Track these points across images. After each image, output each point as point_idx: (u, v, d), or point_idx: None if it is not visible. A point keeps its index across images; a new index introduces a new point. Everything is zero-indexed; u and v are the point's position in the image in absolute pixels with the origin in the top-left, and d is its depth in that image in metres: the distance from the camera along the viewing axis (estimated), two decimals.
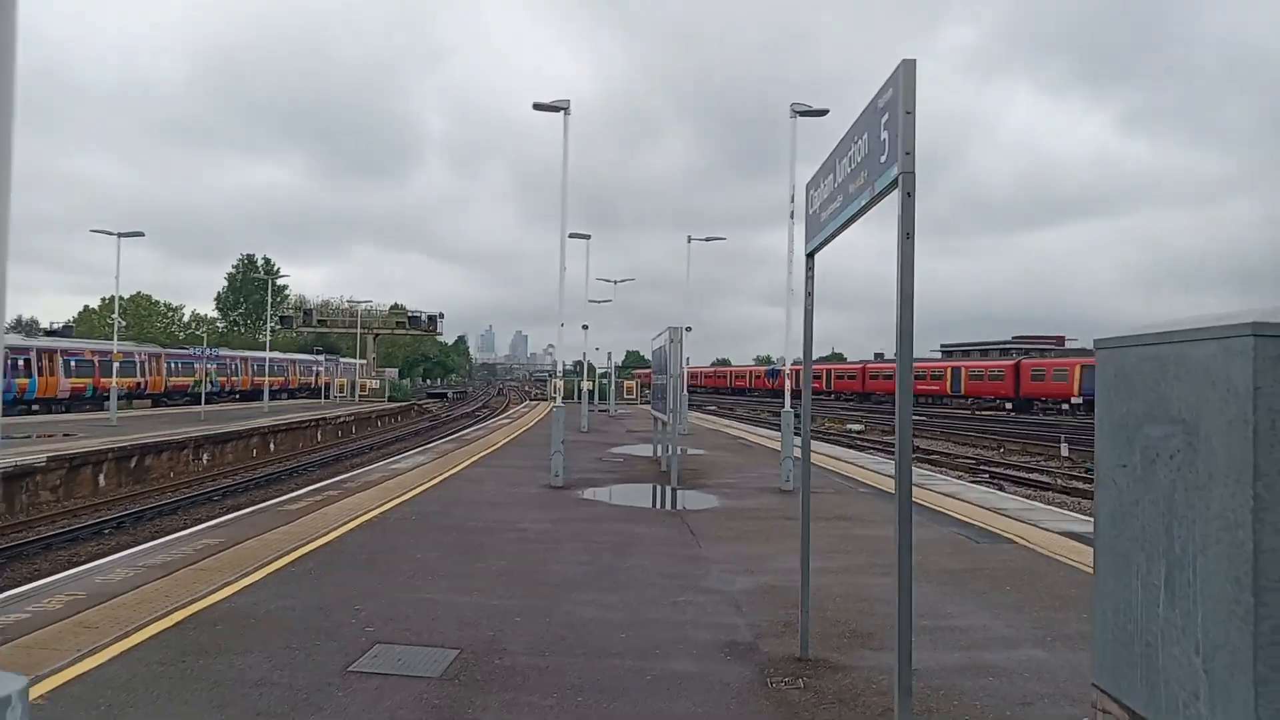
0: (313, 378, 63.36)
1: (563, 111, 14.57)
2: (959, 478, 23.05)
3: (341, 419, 40.95)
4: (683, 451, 17.41)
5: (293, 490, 17.71)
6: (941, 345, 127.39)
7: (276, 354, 55.58)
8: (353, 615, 6.46)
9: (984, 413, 63.85)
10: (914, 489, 13.23)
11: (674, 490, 14.20)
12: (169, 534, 11.53)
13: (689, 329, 22.47)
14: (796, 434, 14.32)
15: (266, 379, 46.79)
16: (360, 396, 56.28)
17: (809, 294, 6.04)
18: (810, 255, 6.04)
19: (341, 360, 66.94)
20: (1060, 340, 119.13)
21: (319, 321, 70.05)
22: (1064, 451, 27.07)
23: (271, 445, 31.87)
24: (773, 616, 6.93)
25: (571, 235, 28.74)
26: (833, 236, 5.41)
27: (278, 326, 74.12)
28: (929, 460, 29.14)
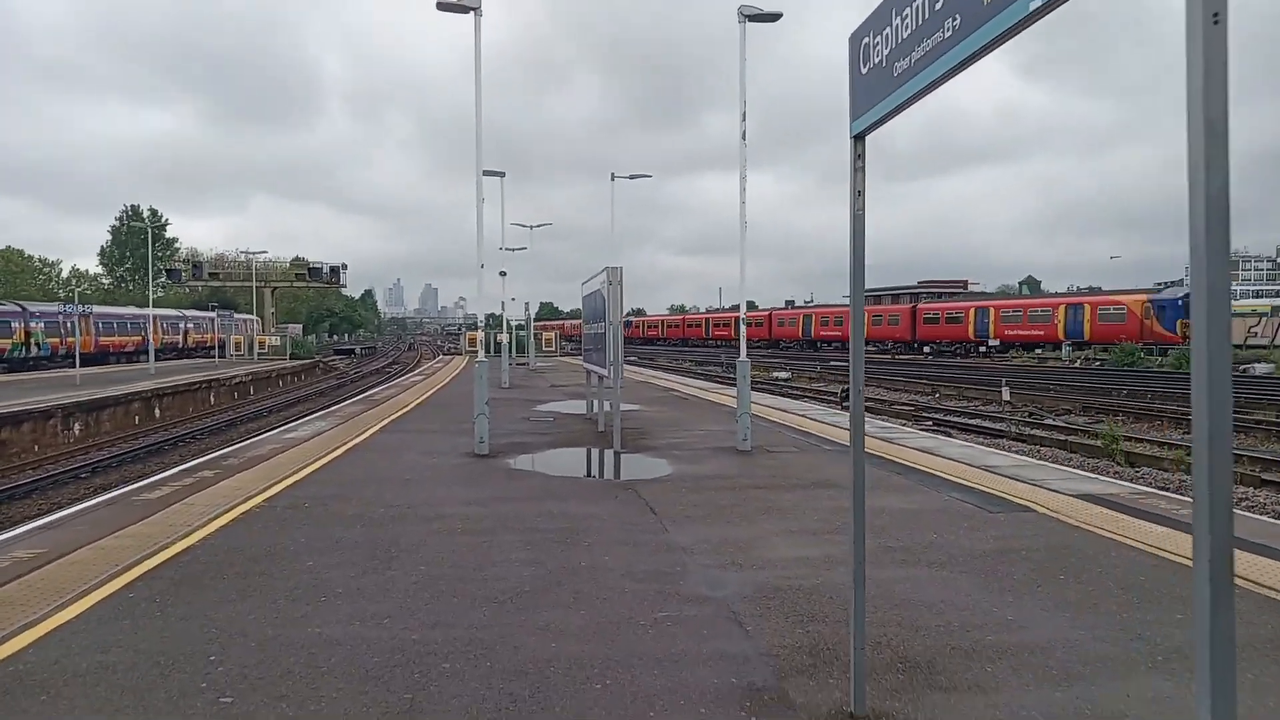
0: (179, 336, 57.22)
1: (473, 12, 12.32)
2: (904, 425, 21.90)
3: (238, 379, 37.83)
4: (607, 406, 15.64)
5: (177, 463, 15.31)
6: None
7: (133, 310, 49.74)
8: (204, 675, 4.46)
9: (903, 356, 63.95)
10: (883, 444, 11.61)
11: (617, 455, 12.39)
12: (18, 524, 9.27)
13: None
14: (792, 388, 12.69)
15: (155, 339, 42.90)
16: (259, 355, 52.64)
17: (859, 193, 4.20)
18: (859, 137, 4.19)
19: (237, 316, 62.41)
20: (964, 284, 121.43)
21: (210, 275, 65.47)
22: (1005, 395, 26.24)
23: (157, 411, 28.86)
24: (790, 638, 5.19)
25: (486, 173, 26.38)
26: (916, 98, 3.57)
27: (166, 281, 69.23)
28: (865, 407, 28.02)
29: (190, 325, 58.35)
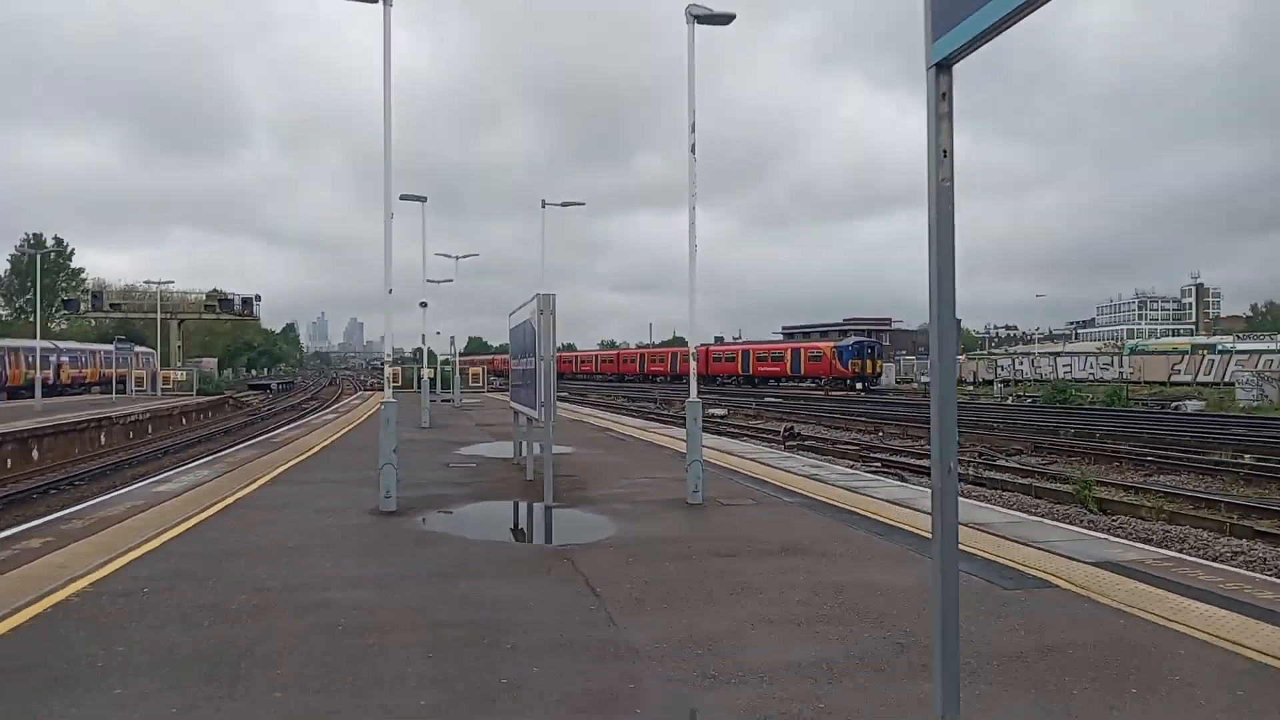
0: (50, 371, 49.06)
1: (381, 1, 10.63)
2: (852, 467, 20.64)
3: (134, 418, 34.84)
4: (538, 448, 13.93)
5: (35, 517, 12.99)
6: (783, 328, 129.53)
7: None
8: None
9: (836, 394, 63.43)
10: (849, 495, 10.09)
11: (549, 511, 10.65)
12: None
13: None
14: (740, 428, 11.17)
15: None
16: (163, 390, 49.23)
17: (944, 153, 2.65)
18: (944, 66, 2.66)
19: (138, 350, 58.23)
20: (888, 321, 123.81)
21: (111, 306, 61.53)
22: None
23: (35, 453, 26.01)
24: None
25: (406, 197, 24.55)
26: None
27: (65, 313, 65.19)
28: (805, 447, 26.81)
29: (65, 359, 51.60)
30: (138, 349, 57.27)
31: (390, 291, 10.69)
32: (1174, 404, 41.29)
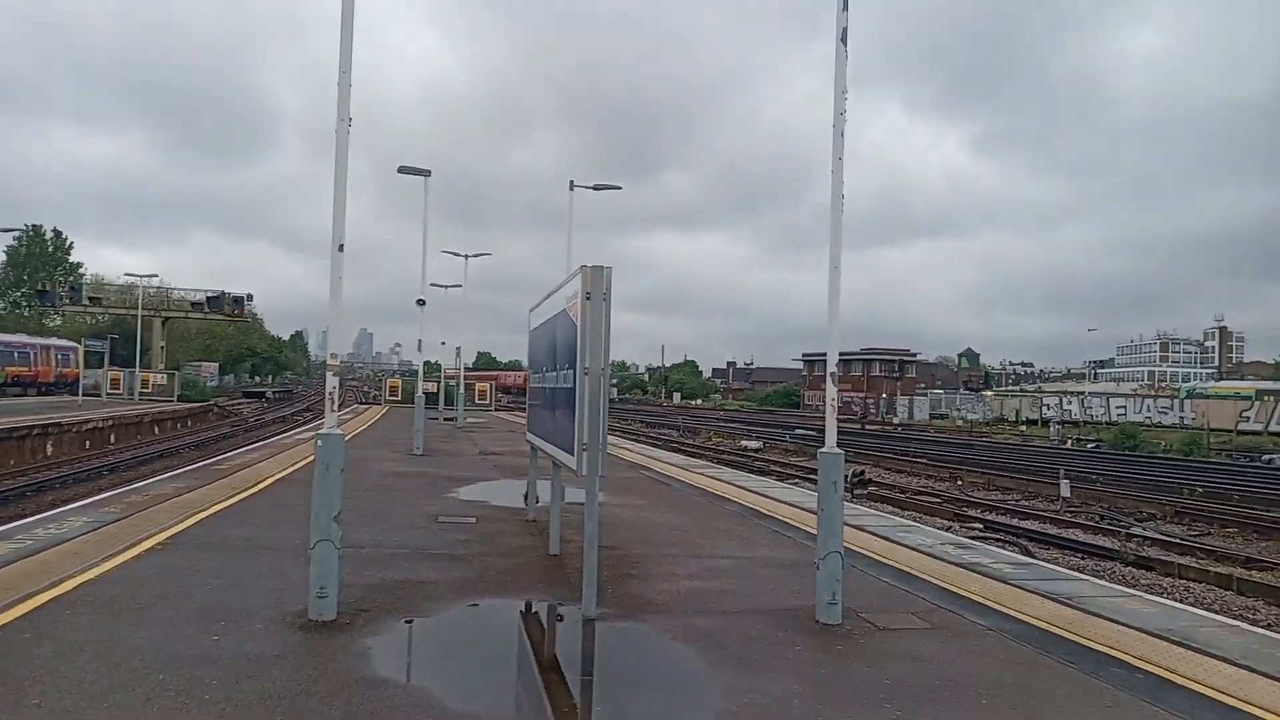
0: None
1: None
2: (947, 528, 16.38)
3: (93, 425, 30.57)
4: (563, 495, 9.70)
5: None
6: (803, 354, 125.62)
7: None
8: None
9: (869, 427, 58.89)
10: (1059, 607, 5.63)
11: (590, 628, 6.28)
12: None
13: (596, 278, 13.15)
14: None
15: None
16: (141, 394, 44.94)
17: None
18: None
19: (49, 343, 52.33)
20: (908, 352, 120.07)
21: (91, 300, 57.36)
22: (1064, 491, 20.68)
23: None
24: None
25: (402, 169, 20.35)
26: None
27: (45, 306, 61.26)
28: (875, 497, 22.49)
29: None
30: (48, 342, 51.28)
31: (341, 248, 6.39)
32: (1265, 457, 36.68)
